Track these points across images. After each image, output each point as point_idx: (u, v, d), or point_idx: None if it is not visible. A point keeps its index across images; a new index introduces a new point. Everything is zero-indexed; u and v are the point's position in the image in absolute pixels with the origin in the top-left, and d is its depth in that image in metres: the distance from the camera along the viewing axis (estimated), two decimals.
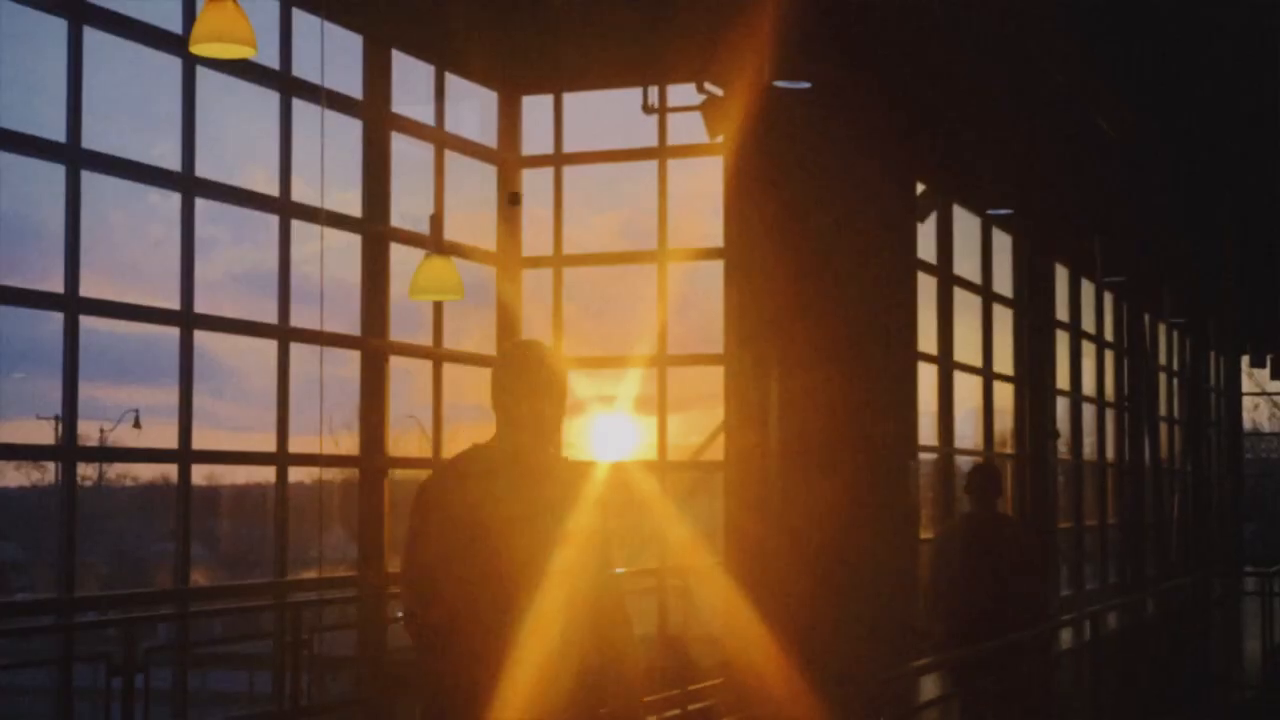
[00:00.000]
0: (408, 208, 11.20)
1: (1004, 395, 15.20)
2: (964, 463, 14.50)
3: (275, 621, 9.42)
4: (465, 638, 4.03)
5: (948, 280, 13.64)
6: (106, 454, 20.13)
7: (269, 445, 9.83)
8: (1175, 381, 23.32)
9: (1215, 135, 13.18)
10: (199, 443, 9.24)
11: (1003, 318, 15.30)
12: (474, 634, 4.01)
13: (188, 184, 9.13)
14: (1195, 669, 13.03)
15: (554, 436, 4.17)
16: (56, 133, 8.35)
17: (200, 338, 9.24)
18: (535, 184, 12.33)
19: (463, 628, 4.02)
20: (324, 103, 9.77)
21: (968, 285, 14.33)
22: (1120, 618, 17.22)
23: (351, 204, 10.68)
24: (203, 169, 9.22)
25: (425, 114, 11.36)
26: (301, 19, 9.91)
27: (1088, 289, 18.55)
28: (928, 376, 13.02)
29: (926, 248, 13.00)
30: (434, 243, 9.45)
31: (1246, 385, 30.45)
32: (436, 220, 10.18)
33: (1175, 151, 13.76)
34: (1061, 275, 17.21)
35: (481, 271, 12.00)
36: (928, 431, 13.09)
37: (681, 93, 11.57)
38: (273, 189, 9.87)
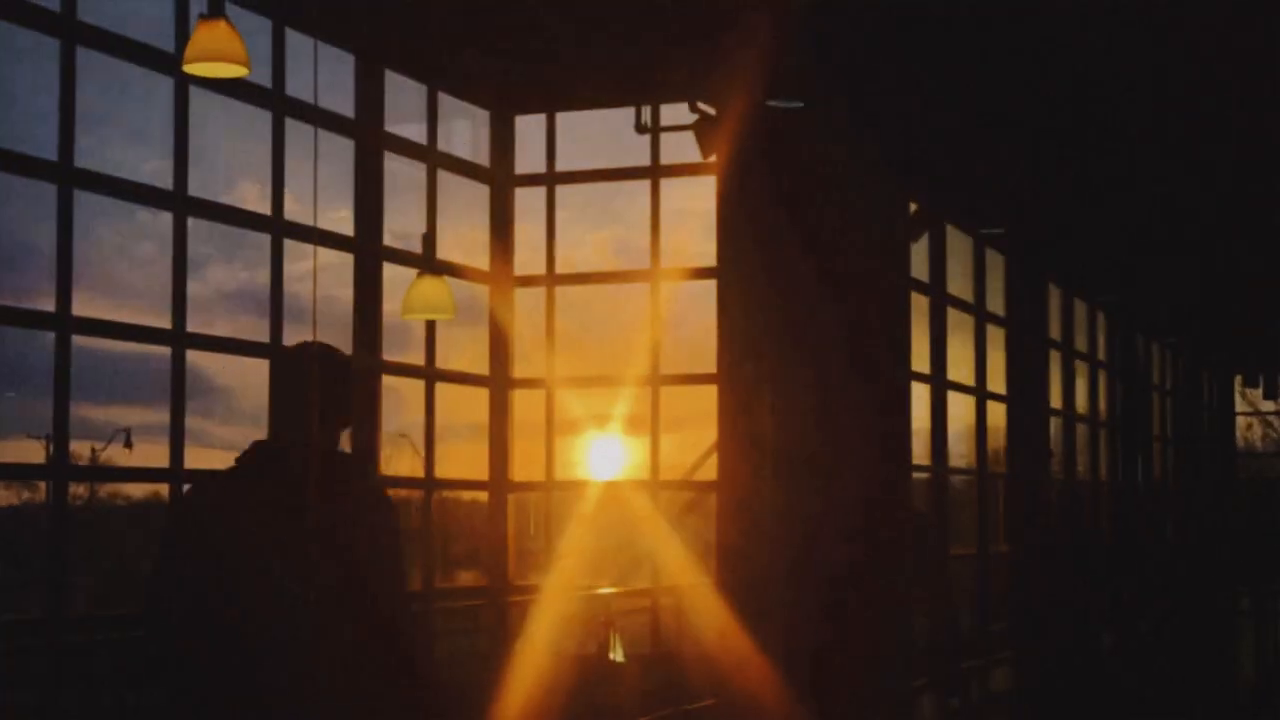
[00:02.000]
0: (400, 226, 11.21)
1: (997, 414, 15.20)
2: (958, 481, 14.49)
3: None
4: None
5: (940, 300, 13.64)
6: (98, 473, 20.09)
7: None
8: (1168, 401, 23.34)
9: (1209, 154, 13.20)
10: (191, 462, 9.21)
11: (996, 337, 15.30)
12: None
13: (180, 203, 9.12)
14: (1189, 685, 13.02)
15: None
16: (48, 151, 8.34)
17: (192, 357, 9.22)
18: (527, 203, 12.33)
19: None
20: (317, 122, 9.78)
21: (960, 305, 14.34)
22: (1114, 636, 17.18)
23: (344, 223, 10.68)
24: (194, 188, 9.21)
25: (418, 133, 11.36)
26: (294, 39, 9.92)
27: (1080, 308, 18.57)
28: (920, 396, 13.01)
29: (919, 267, 13.01)
30: (426, 262, 9.45)
31: (1240, 405, 30.51)
32: (429, 239, 10.18)
33: (1170, 172, 13.79)
34: (1054, 295, 17.22)
35: (474, 290, 12.00)
36: (920, 450, 13.08)
37: (674, 112, 11.58)
38: (265, 208, 9.86)
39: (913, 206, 12.51)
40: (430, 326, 11.31)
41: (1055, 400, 17.12)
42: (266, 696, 3.99)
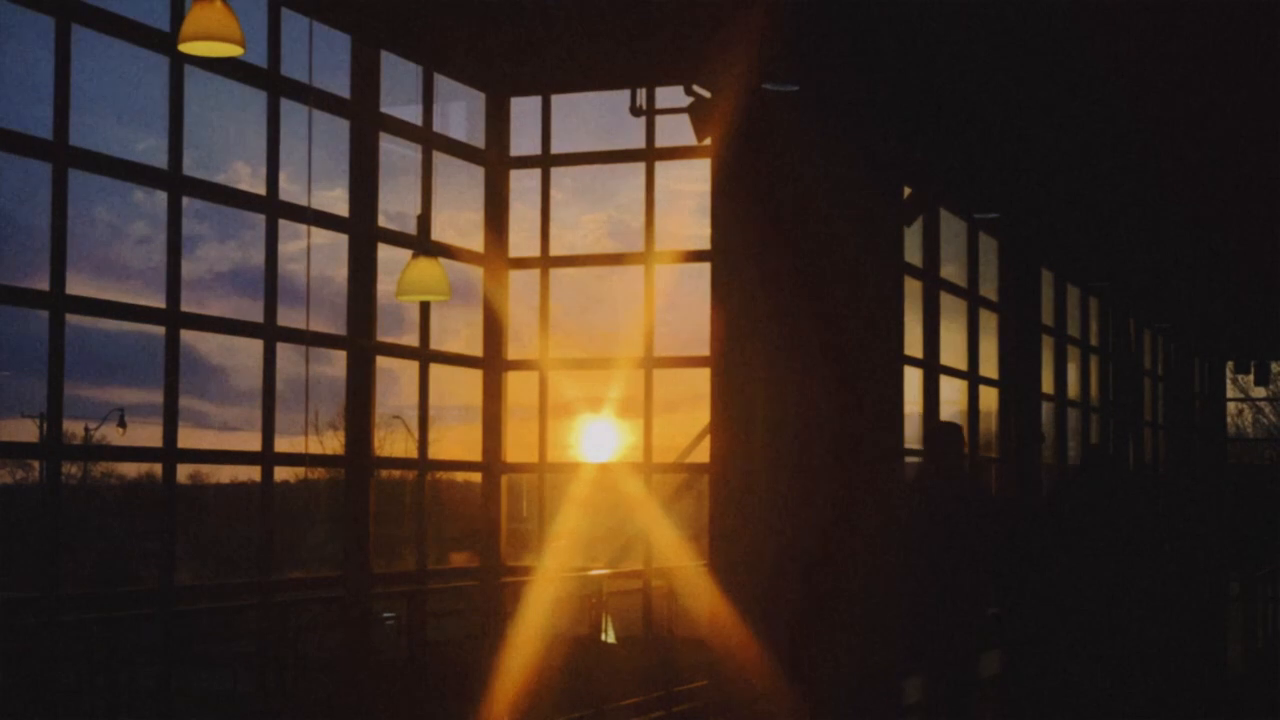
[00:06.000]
0: (395, 207, 11.21)
1: (989, 399, 15.23)
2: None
3: (260, 621, 9.41)
4: None
5: (934, 284, 13.66)
6: (91, 452, 20.11)
7: (255, 444, 9.82)
8: (1160, 386, 23.38)
9: (1203, 140, 13.21)
10: (184, 442, 9.23)
11: (988, 322, 15.32)
12: None
13: (175, 182, 9.11)
14: (1180, 671, 13.06)
15: None
16: (43, 130, 8.34)
17: (185, 336, 9.23)
18: (523, 185, 12.33)
19: None
20: (312, 102, 9.77)
21: (954, 289, 14.35)
22: (1105, 620, 17.18)
23: (338, 203, 10.68)
24: (189, 167, 9.21)
25: (413, 114, 11.36)
26: (290, 18, 9.91)
27: (1073, 294, 18.59)
28: (913, 380, 13.03)
29: (913, 251, 13.02)
30: (421, 243, 9.46)
31: (1231, 391, 30.58)
32: (424, 220, 10.18)
33: (1163, 157, 13.80)
34: (1047, 280, 17.24)
35: (468, 272, 12.00)
36: (913, 434, 13.10)
37: (669, 95, 11.58)
38: (259, 188, 9.86)
39: (906, 190, 12.51)
40: (425, 308, 11.32)
41: (1047, 385, 17.15)
42: None
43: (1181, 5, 9.87)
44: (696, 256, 11.59)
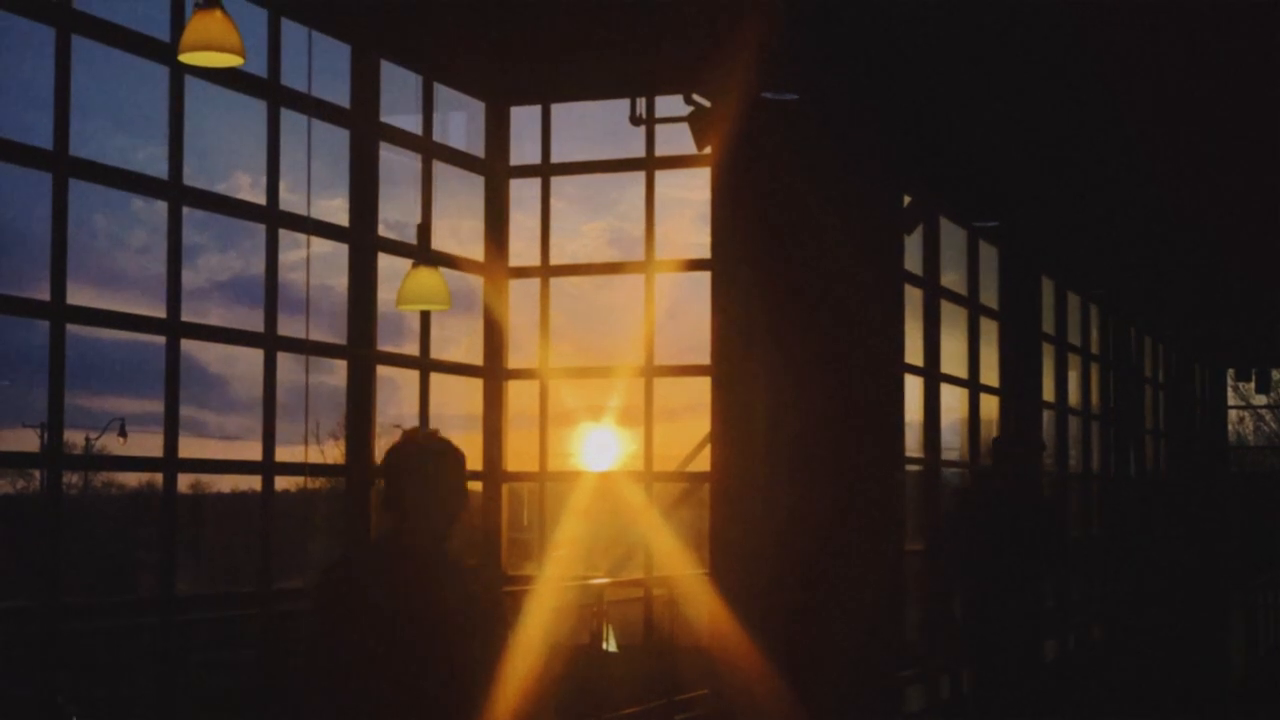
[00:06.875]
0: (395, 217, 11.22)
1: (990, 407, 15.23)
2: (950, 475, 14.51)
3: (260, 630, 9.41)
4: None
5: (934, 292, 13.67)
6: (92, 462, 20.11)
7: (255, 453, 9.82)
8: (1160, 394, 23.38)
9: (1204, 147, 13.23)
10: (185, 451, 9.22)
11: (989, 330, 15.33)
12: None
13: (175, 192, 9.12)
14: (1179, 680, 13.08)
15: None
16: (43, 140, 8.34)
17: (186, 346, 9.23)
18: (523, 194, 12.34)
19: None
20: (312, 112, 9.78)
21: (954, 297, 14.36)
22: (1106, 630, 17.22)
23: (339, 213, 10.69)
24: (189, 177, 9.21)
25: (413, 123, 11.37)
26: (290, 28, 9.92)
27: (1074, 301, 18.60)
28: (914, 388, 13.04)
29: (913, 260, 13.03)
30: (421, 252, 9.46)
31: (1232, 399, 30.58)
32: (424, 230, 10.19)
33: (1163, 164, 13.81)
34: (1048, 288, 17.25)
35: (469, 281, 12.01)
36: (913, 443, 13.11)
37: (669, 104, 11.59)
38: (259, 197, 9.87)
39: (906, 199, 12.53)
40: (425, 317, 11.33)
41: (1048, 393, 17.16)
42: None
43: (1181, 13, 9.88)
44: (697, 265, 11.59)
